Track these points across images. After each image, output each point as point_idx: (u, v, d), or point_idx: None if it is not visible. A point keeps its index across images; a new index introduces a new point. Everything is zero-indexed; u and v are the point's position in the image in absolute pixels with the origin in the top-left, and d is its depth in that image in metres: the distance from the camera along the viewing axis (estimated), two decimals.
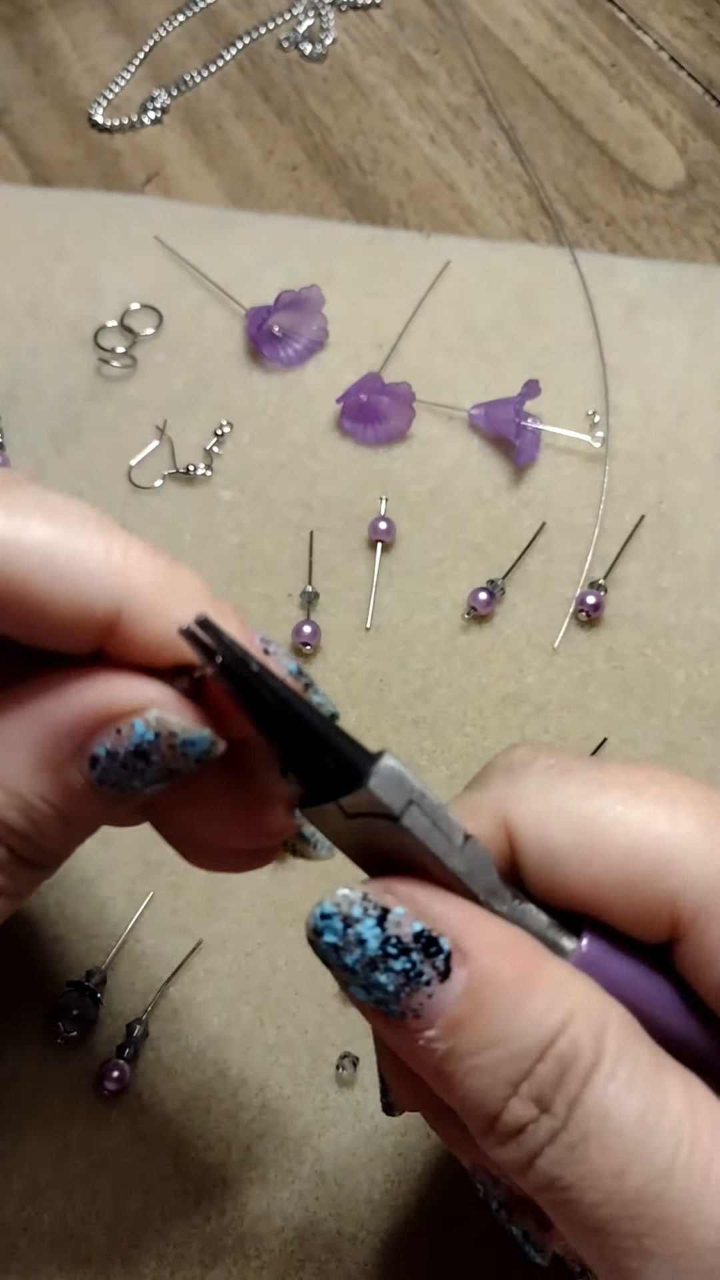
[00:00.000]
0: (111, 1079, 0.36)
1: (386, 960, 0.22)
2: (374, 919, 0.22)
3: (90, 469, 0.47)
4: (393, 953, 0.22)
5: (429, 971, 0.22)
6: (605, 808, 0.24)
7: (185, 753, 0.24)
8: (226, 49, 0.59)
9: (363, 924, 0.22)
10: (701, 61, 0.59)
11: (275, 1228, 0.35)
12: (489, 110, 0.57)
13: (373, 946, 0.22)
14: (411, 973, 0.22)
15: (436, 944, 0.22)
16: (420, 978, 0.22)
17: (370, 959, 0.22)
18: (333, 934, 0.23)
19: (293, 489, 0.47)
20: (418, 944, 0.22)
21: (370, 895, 0.23)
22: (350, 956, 0.22)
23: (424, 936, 0.22)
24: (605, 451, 0.47)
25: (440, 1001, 0.22)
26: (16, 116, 0.57)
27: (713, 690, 0.43)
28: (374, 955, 0.22)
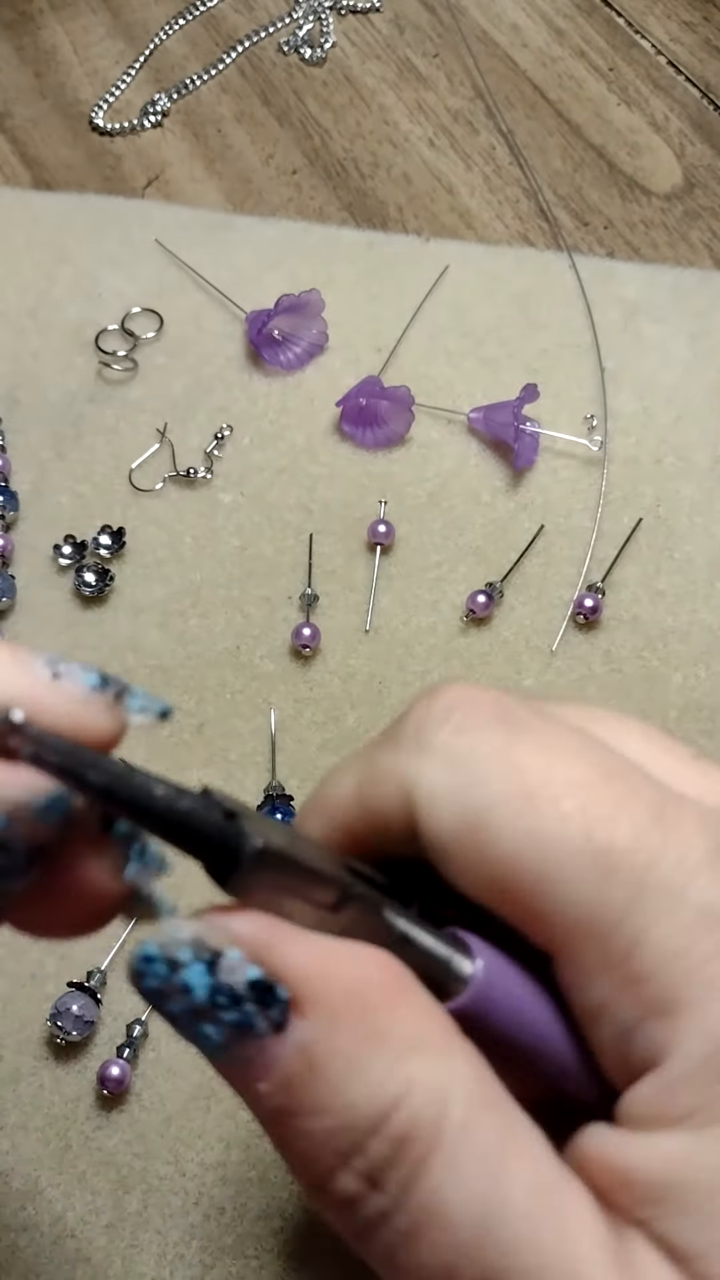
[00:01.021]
0: (112, 1079, 0.36)
1: (215, 1012, 0.20)
2: (203, 964, 0.20)
3: (91, 471, 0.47)
4: (223, 1003, 0.20)
5: (262, 1024, 0.19)
6: (501, 796, 0.21)
7: (46, 820, 0.21)
8: (227, 53, 0.59)
9: (189, 970, 0.20)
10: (699, 66, 0.59)
11: (274, 1228, 0.35)
12: (488, 114, 0.58)
13: (200, 996, 0.20)
14: (242, 1024, 0.20)
15: (273, 993, 0.20)
16: (252, 1030, 0.19)
17: (196, 1009, 0.20)
18: (155, 979, 0.20)
19: (293, 492, 0.47)
20: (251, 993, 0.19)
21: (202, 935, 0.20)
22: (175, 1005, 0.20)
23: (260, 985, 0.20)
24: (603, 455, 0.48)
25: (272, 1056, 0.19)
26: (17, 120, 0.57)
27: (710, 692, 0.43)
28: (201, 1005, 0.20)
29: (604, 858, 0.20)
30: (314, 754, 0.42)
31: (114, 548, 0.45)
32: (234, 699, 0.43)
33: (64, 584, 0.45)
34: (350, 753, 0.27)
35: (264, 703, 0.43)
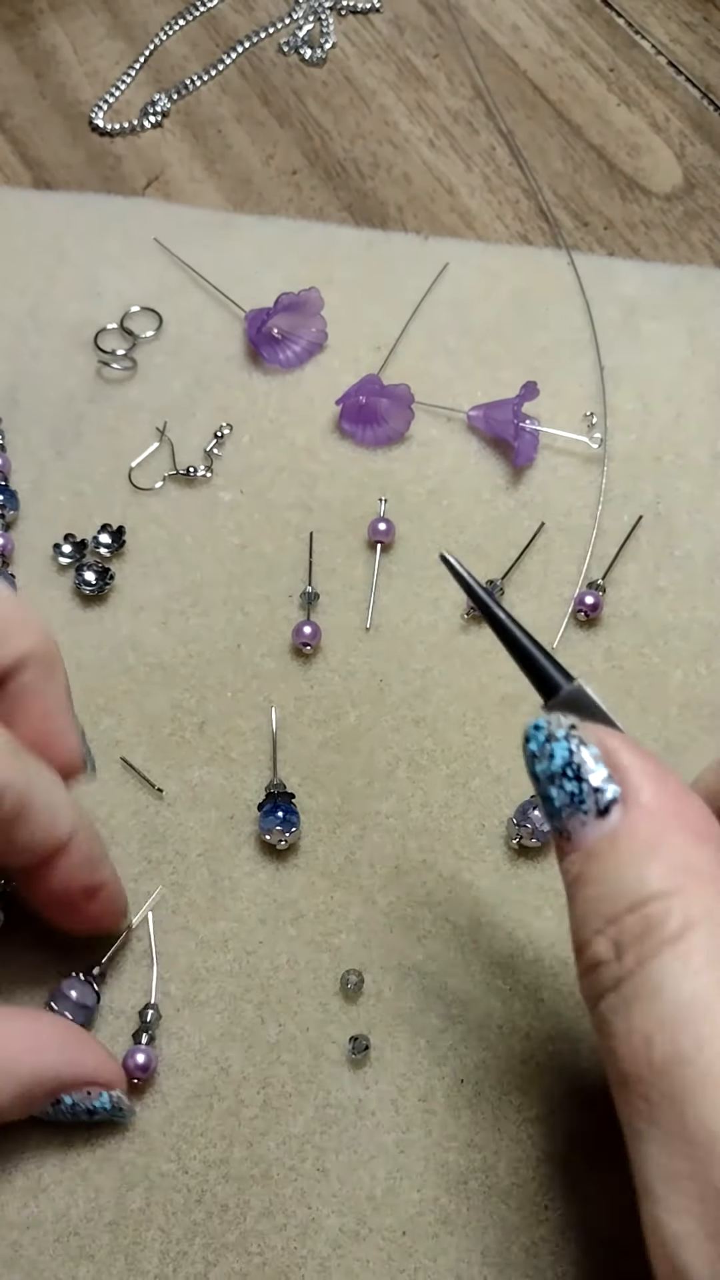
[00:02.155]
0: (138, 1066, 0.36)
1: (563, 779, 0.26)
2: (569, 746, 0.26)
3: (91, 471, 0.47)
4: (569, 775, 0.26)
5: (590, 804, 0.26)
6: None
7: (113, 1121, 0.33)
8: (227, 53, 0.59)
9: (558, 744, 0.27)
10: (700, 66, 0.59)
11: (277, 1224, 0.35)
12: (488, 115, 0.58)
13: (557, 764, 0.26)
14: (577, 798, 0.26)
15: (607, 782, 0.26)
16: (581, 805, 0.26)
17: (551, 773, 0.26)
18: (535, 743, 0.27)
19: (292, 490, 0.47)
20: (592, 779, 0.26)
21: (578, 728, 0.27)
22: (539, 765, 0.27)
23: (601, 776, 0.26)
24: (603, 453, 0.48)
25: (590, 832, 0.25)
26: (17, 120, 0.57)
27: (710, 690, 0.43)
28: (555, 771, 0.26)
29: None
30: (315, 752, 0.42)
31: (114, 546, 0.45)
32: (235, 697, 0.43)
33: (64, 583, 0.45)
34: (351, 750, 0.29)
35: (265, 701, 0.43)
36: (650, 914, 0.24)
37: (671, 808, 0.25)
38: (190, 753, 0.42)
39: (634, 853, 0.25)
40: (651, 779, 0.26)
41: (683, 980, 0.23)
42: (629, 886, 0.24)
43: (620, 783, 0.26)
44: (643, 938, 0.24)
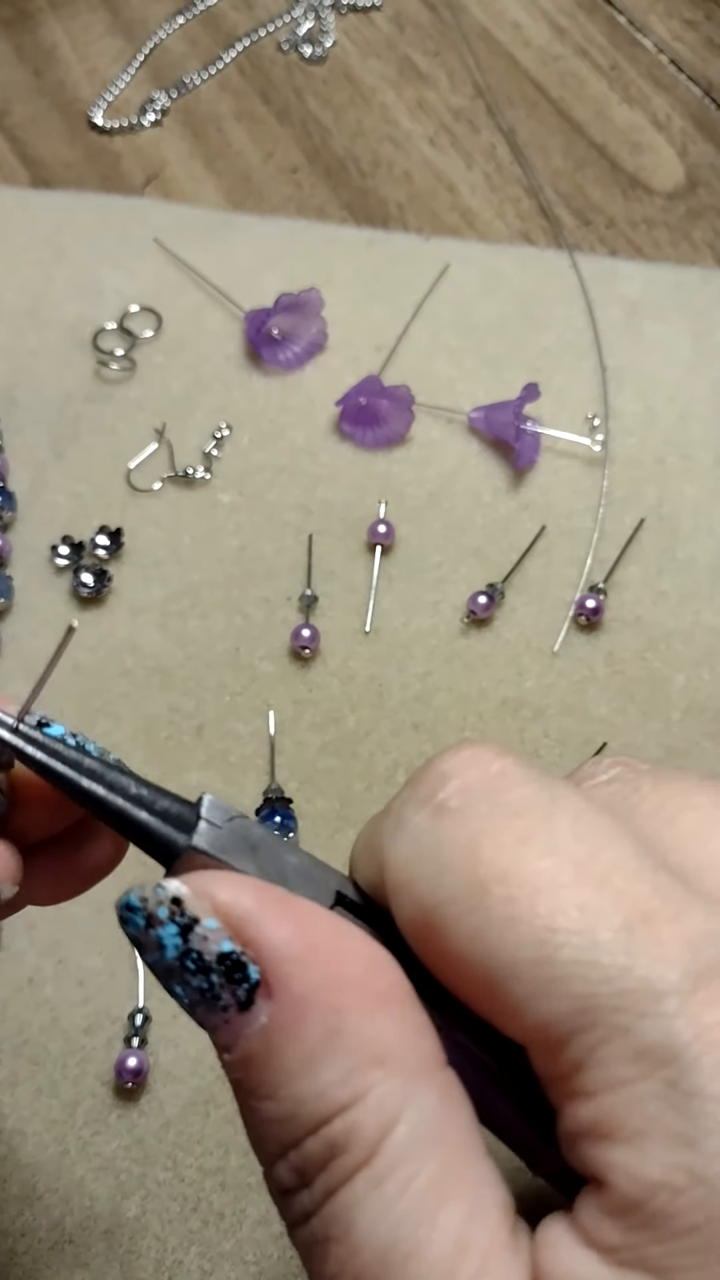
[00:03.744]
0: (129, 1070, 0.36)
1: (184, 974, 0.20)
2: (178, 927, 0.20)
3: (89, 471, 0.47)
4: (190, 968, 0.20)
5: (227, 998, 0.19)
6: (453, 892, 0.19)
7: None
8: (226, 51, 0.59)
9: (165, 929, 0.20)
10: (701, 64, 0.59)
11: (274, 1233, 0.35)
12: (489, 113, 0.57)
13: (170, 956, 0.20)
14: (208, 994, 0.20)
15: (244, 971, 0.19)
16: (216, 1002, 0.19)
17: (166, 967, 0.20)
18: (134, 928, 0.20)
19: (292, 492, 0.47)
20: (221, 966, 0.19)
21: (183, 897, 0.20)
22: (149, 957, 0.20)
23: (231, 959, 0.19)
24: (605, 455, 0.47)
25: (235, 1029, 0.19)
26: (16, 118, 0.57)
27: (713, 695, 0.43)
28: (170, 965, 0.20)
29: (548, 968, 0.18)
30: (313, 756, 0.42)
31: (112, 548, 0.45)
32: (233, 701, 0.43)
33: (62, 585, 0.45)
34: (350, 754, 0.27)
35: (263, 704, 0.42)
36: (333, 1137, 0.18)
37: (334, 975, 0.19)
38: (188, 756, 0.42)
39: (299, 1057, 0.19)
40: (299, 944, 0.19)
41: (379, 1217, 0.18)
42: (303, 1102, 0.19)
43: (259, 959, 0.19)
44: (329, 1166, 0.19)
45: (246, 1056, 0.19)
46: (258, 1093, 0.19)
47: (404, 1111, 0.18)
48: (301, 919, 0.20)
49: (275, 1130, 0.19)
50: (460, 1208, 0.18)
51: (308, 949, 0.19)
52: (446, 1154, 0.18)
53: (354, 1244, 0.18)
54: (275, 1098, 0.19)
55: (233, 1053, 0.19)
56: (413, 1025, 0.19)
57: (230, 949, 0.19)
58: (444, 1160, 0.18)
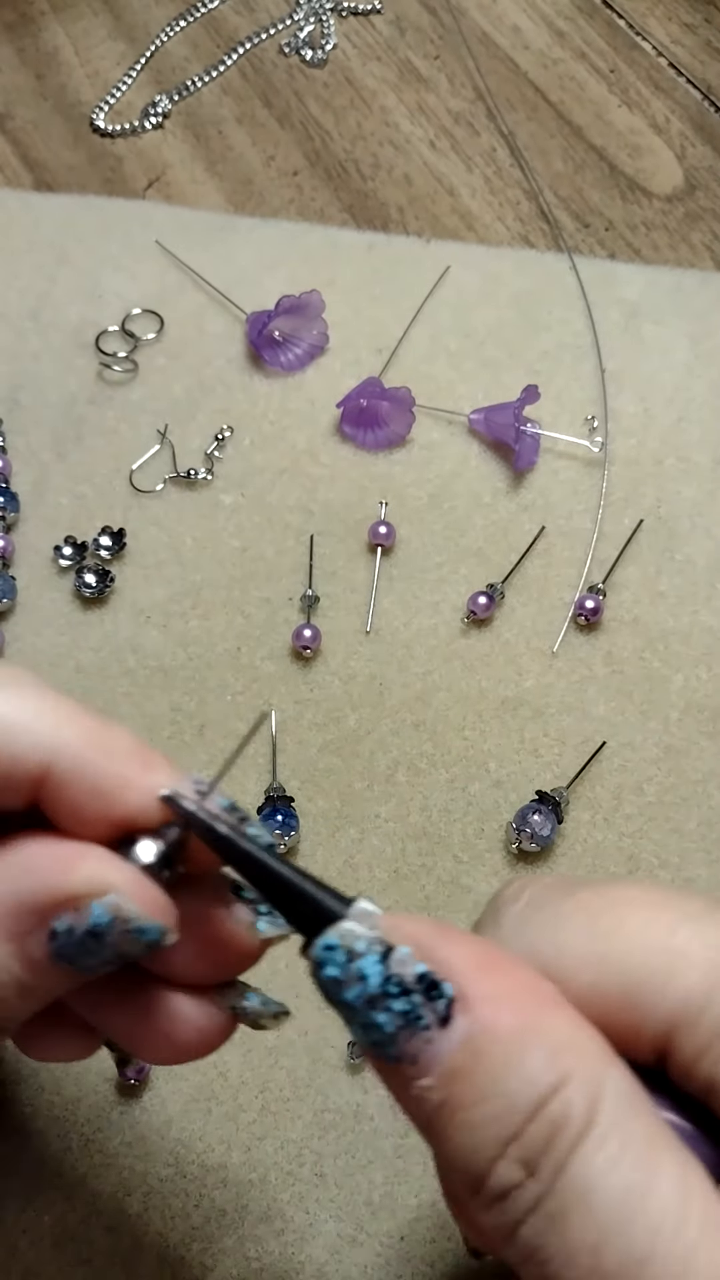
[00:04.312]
0: (131, 1068, 0.36)
1: (386, 999, 0.22)
2: (377, 955, 0.22)
3: (92, 473, 0.47)
4: (393, 992, 0.22)
5: (428, 1016, 0.21)
6: (606, 926, 0.23)
7: (136, 939, 0.25)
8: (228, 54, 0.59)
9: (365, 959, 0.22)
10: (700, 68, 0.59)
11: (275, 1230, 0.35)
12: (489, 116, 0.58)
13: (374, 984, 0.22)
14: (411, 1015, 0.22)
15: (439, 988, 0.22)
16: (419, 1021, 0.21)
17: (370, 996, 0.22)
18: (335, 967, 0.22)
19: (293, 493, 0.47)
20: (419, 985, 0.22)
21: (377, 931, 0.22)
22: (351, 991, 0.22)
23: (426, 979, 0.22)
24: (604, 456, 0.48)
25: (438, 1049, 0.21)
26: (19, 122, 0.57)
27: (711, 694, 0.43)
28: (374, 993, 0.22)
29: (669, 974, 0.23)
30: (314, 755, 0.42)
31: (114, 549, 0.45)
32: (235, 700, 0.43)
33: (64, 585, 0.45)
34: (350, 753, 0.27)
35: (265, 704, 0.43)
36: (553, 1115, 0.20)
37: (514, 983, 0.22)
38: (189, 756, 0.42)
39: (504, 1053, 0.21)
40: (481, 959, 0.22)
41: (610, 1173, 0.20)
42: (517, 1093, 0.21)
43: (449, 977, 0.22)
44: (553, 1142, 0.20)
45: (452, 1070, 0.21)
46: (467, 1101, 0.21)
47: (605, 1084, 0.21)
48: (475, 940, 0.23)
49: (492, 1130, 0.21)
50: (674, 1155, 0.21)
51: (490, 962, 0.22)
52: (648, 1119, 0.21)
53: (594, 1203, 0.20)
54: (488, 1097, 0.21)
55: (436, 1073, 0.21)
56: (585, 1021, 0.22)
57: (425, 970, 0.22)
58: (648, 1123, 0.21)
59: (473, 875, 0.40)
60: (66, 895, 0.25)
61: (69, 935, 0.24)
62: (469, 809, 0.41)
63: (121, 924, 0.24)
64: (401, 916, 0.23)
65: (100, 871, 0.25)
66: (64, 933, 0.24)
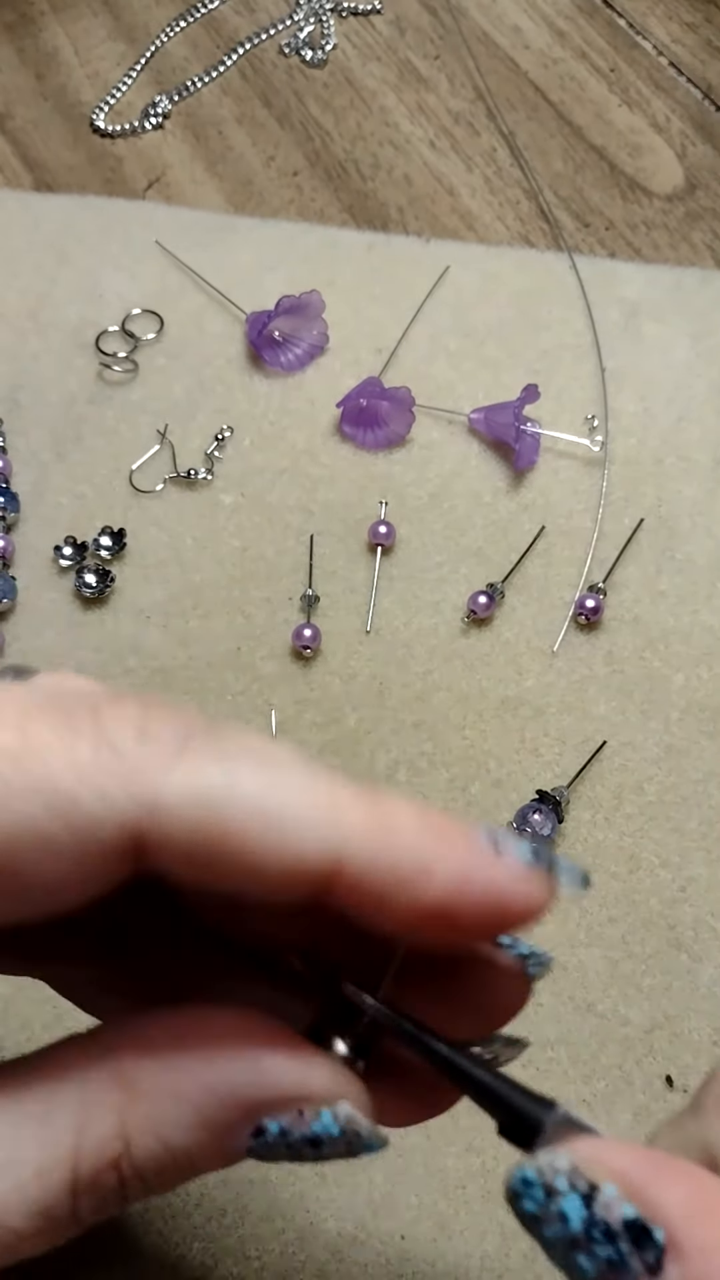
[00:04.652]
0: None
1: (590, 1244, 0.20)
2: (580, 1196, 0.20)
3: (91, 473, 0.47)
4: (597, 1238, 0.19)
5: (636, 1265, 0.19)
6: None
7: (355, 1151, 0.22)
8: (228, 55, 0.59)
9: (566, 1199, 0.20)
10: (701, 67, 0.59)
11: (276, 1229, 0.35)
12: (489, 116, 0.58)
13: (575, 1227, 0.20)
14: (618, 1263, 0.19)
15: (649, 1235, 0.19)
16: (626, 1271, 0.19)
17: (572, 1238, 0.20)
18: (533, 1203, 0.20)
19: (293, 493, 0.47)
20: (627, 1232, 0.19)
21: (580, 1166, 0.20)
22: (550, 1229, 0.20)
23: (636, 1225, 0.19)
24: (604, 455, 0.48)
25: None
26: (19, 122, 0.57)
27: (712, 694, 0.43)
28: (576, 1236, 0.20)
29: None
30: (315, 755, 0.42)
31: (115, 549, 0.45)
32: (235, 700, 0.43)
33: (65, 585, 0.45)
34: (351, 753, 0.27)
35: (265, 704, 0.43)
36: None
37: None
38: None
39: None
40: (697, 1202, 0.20)
41: None
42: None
43: (661, 1221, 0.19)
44: None
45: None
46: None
47: None
48: (691, 1177, 0.20)
49: None
50: None
51: (708, 1205, 0.20)
52: None
53: None
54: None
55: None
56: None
57: (635, 1215, 0.19)
58: None
59: None
60: (295, 1093, 0.22)
61: (280, 1137, 0.22)
62: (469, 808, 0.41)
63: (350, 1136, 0.22)
64: (609, 1145, 0.20)
65: (337, 1080, 0.22)
66: (274, 1134, 0.22)
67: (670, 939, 0.39)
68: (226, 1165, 0.22)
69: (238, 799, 0.20)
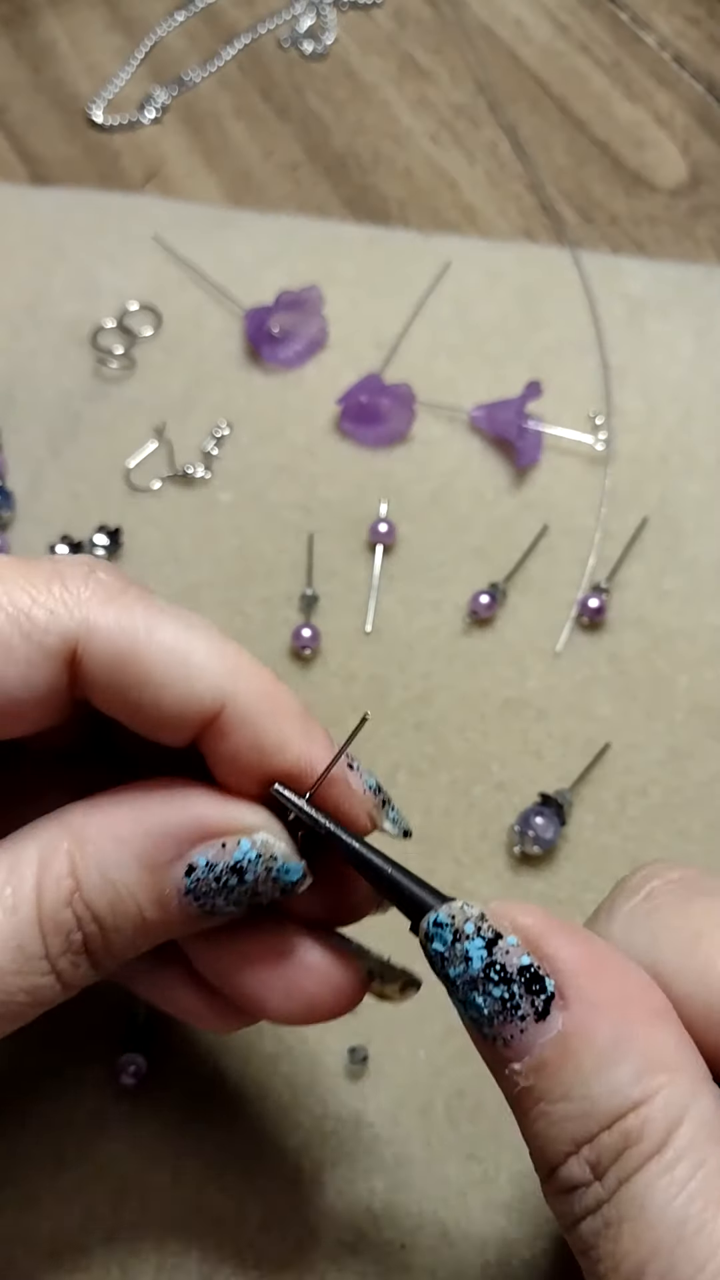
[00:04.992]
0: (129, 1072, 0.35)
1: (486, 984, 0.22)
2: (484, 941, 0.23)
3: (88, 470, 0.47)
4: (494, 979, 0.22)
5: (526, 1008, 0.22)
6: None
7: (277, 879, 0.25)
8: (226, 48, 0.59)
9: (471, 942, 0.23)
10: (704, 61, 0.59)
11: (274, 1237, 0.34)
12: (490, 109, 0.57)
13: (476, 968, 0.22)
14: (509, 1004, 0.22)
15: (541, 982, 0.22)
16: (516, 1011, 0.22)
17: (472, 978, 0.23)
18: (441, 944, 0.23)
19: (292, 491, 0.46)
20: (521, 978, 0.22)
21: (487, 916, 0.23)
22: (454, 970, 0.23)
23: (530, 971, 0.22)
24: (607, 453, 0.47)
25: (530, 1039, 0.22)
26: (15, 115, 0.56)
27: (716, 695, 0.42)
28: (475, 976, 0.22)
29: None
30: None
31: (111, 548, 0.45)
32: None
33: None
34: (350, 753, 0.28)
35: None
36: (628, 1129, 0.21)
37: (619, 990, 0.22)
38: None
39: (594, 1059, 0.21)
40: (588, 961, 0.22)
41: (671, 1198, 0.21)
42: (598, 1100, 0.21)
43: (554, 974, 0.22)
44: (623, 1155, 0.21)
45: (541, 1063, 0.22)
46: (550, 1095, 0.22)
47: (688, 1110, 0.21)
48: (587, 940, 0.23)
49: (568, 1129, 0.22)
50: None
51: (597, 965, 0.22)
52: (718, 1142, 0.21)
53: (648, 1221, 0.21)
54: (570, 1098, 0.21)
55: (525, 1061, 0.22)
56: (687, 1041, 0.22)
57: (529, 962, 0.22)
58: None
59: (475, 879, 0.39)
60: (218, 827, 0.25)
61: (208, 870, 0.25)
62: (471, 811, 0.40)
63: (267, 860, 0.25)
64: (515, 905, 0.23)
65: (251, 813, 0.26)
66: (203, 868, 0.25)
67: None
68: (174, 925, 0.26)
69: (156, 639, 0.25)
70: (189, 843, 0.25)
